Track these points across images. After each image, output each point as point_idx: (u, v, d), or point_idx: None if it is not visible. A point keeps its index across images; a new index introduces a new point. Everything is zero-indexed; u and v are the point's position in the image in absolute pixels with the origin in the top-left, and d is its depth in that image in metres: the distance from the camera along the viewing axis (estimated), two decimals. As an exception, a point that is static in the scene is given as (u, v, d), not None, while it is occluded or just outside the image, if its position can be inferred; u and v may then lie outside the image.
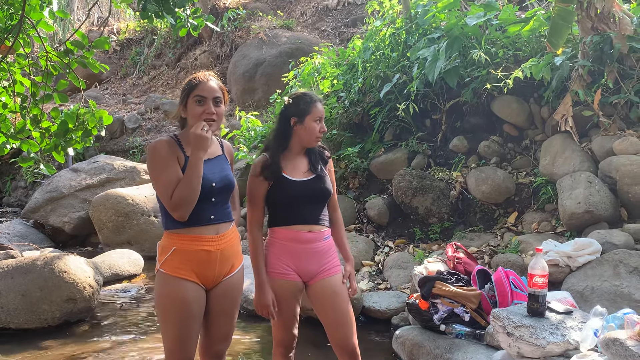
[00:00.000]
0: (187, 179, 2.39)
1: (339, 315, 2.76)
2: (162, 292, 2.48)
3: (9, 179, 11.92)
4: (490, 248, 5.09)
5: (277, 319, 2.77)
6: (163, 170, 2.42)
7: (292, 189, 2.74)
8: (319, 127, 2.79)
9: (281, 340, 2.80)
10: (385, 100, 6.47)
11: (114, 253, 6.51)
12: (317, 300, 2.79)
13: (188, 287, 2.46)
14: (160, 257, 2.51)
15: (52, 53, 4.11)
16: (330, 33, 12.21)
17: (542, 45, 5.75)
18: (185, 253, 2.47)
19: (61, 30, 14.98)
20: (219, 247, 2.52)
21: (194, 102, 2.49)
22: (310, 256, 2.75)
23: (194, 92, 2.50)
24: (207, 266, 2.50)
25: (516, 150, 5.94)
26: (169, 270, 2.47)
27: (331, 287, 2.77)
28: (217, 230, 2.53)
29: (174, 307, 2.45)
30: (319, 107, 2.80)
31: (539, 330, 2.87)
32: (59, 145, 4.29)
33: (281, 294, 2.73)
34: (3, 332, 4.52)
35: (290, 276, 2.74)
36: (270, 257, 2.77)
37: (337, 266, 2.83)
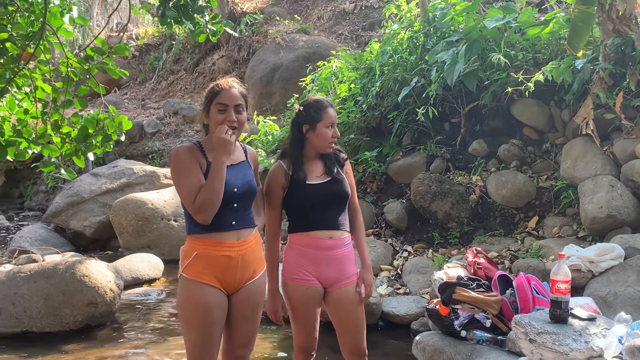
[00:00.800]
0: (210, 182, 2.42)
1: (354, 323, 2.77)
2: (184, 297, 2.50)
3: (30, 183, 12.09)
4: (511, 253, 5.04)
5: (298, 325, 2.77)
6: (186, 175, 2.45)
7: (307, 192, 2.73)
8: (331, 132, 2.78)
9: (301, 346, 2.80)
10: (403, 104, 6.45)
11: (134, 257, 6.55)
12: (334, 308, 2.79)
13: (209, 292, 2.48)
14: (182, 262, 2.53)
15: (73, 59, 4.16)
16: (347, 37, 12.21)
17: (562, 48, 5.69)
18: (207, 258, 2.49)
19: (81, 36, 15.18)
20: (239, 253, 2.53)
21: (216, 109, 2.51)
22: (330, 263, 2.75)
23: (216, 100, 2.51)
24: (228, 271, 2.51)
25: (536, 154, 5.89)
26: (191, 275, 2.49)
27: (349, 297, 2.77)
28: (239, 236, 2.54)
29: (196, 312, 2.46)
30: (330, 113, 2.79)
31: (562, 336, 2.83)
32: (80, 150, 4.33)
33: (302, 299, 2.73)
34: (26, 335, 4.57)
35: (311, 282, 2.73)
36: (290, 263, 2.77)
37: (356, 274, 2.83)
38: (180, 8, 3.99)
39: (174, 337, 4.60)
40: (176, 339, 4.52)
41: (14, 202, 12.47)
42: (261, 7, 13.59)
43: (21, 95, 4.42)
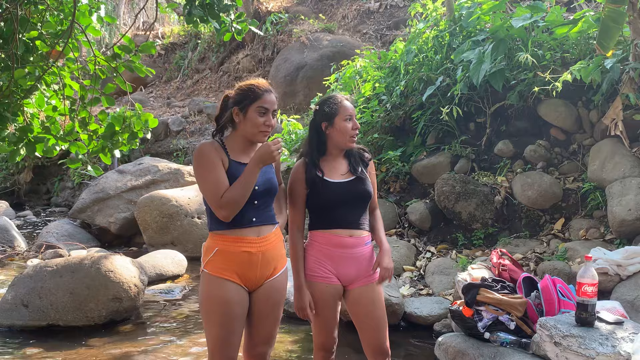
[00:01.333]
0: (241, 183, 2.46)
1: (375, 322, 2.76)
2: (205, 292, 2.52)
3: (57, 180, 12.29)
4: (536, 255, 4.98)
5: (317, 322, 2.77)
6: (211, 171, 2.47)
7: (330, 191, 2.73)
8: (350, 125, 2.76)
9: (322, 344, 2.80)
10: (427, 104, 6.41)
11: (158, 253, 6.62)
12: (353, 306, 2.78)
13: (230, 287, 2.50)
14: (204, 258, 2.56)
15: (100, 57, 4.22)
16: (372, 36, 12.18)
17: (590, 48, 5.60)
18: (228, 254, 2.51)
19: (108, 34, 15.38)
20: (260, 249, 2.55)
21: (257, 111, 2.53)
22: (350, 261, 2.74)
23: (258, 103, 2.53)
24: (248, 267, 2.53)
25: (563, 155, 5.80)
26: (212, 270, 2.51)
27: (369, 296, 2.76)
28: (259, 232, 2.57)
29: (216, 307, 2.48)
30: (346, 106, 2.78)
31: (588, 340, 2.78)
32: (106, 147, 4.39)
33: (321, 297, 2.73)
34: (52, 328, 4.64)
35: (331, 280, 2.73)
36: (310, 260, 2.77)
37: (376, 274, 2.81)
38: (206, 7, 4.02)
39: (196, 333, 4.63)
40: (199, 334, 4.56)
41: (41, 198, 12.70)
42: (286, 6, 13.63)
43: (50, 93, 4.49)
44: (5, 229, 7.99)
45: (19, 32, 3.64)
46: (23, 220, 10.44)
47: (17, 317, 4.65)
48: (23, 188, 12.65)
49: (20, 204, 12.27)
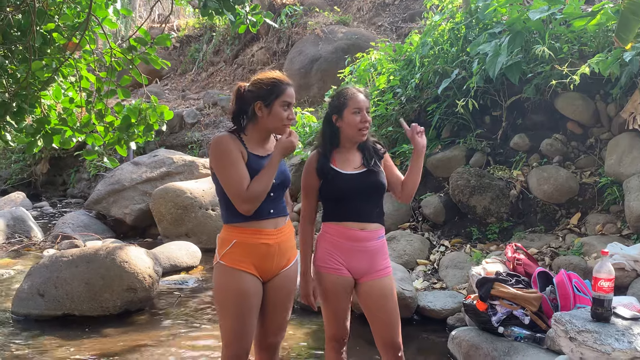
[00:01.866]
0: (266, 175, 2.48)
1: (386, 316, 2.75)
2: (222, 284, 2.53)
3: (73, 171, 12.40)
4: (552, 250, 4.94)
5: (329, 313, 2.78)
6: (233, 165, 2.47)
7: (342, 182, 2.73)
8: (359, 118, 2.74)
9: (333, 335, 2.80)
10: (443, 97, 6.36)
11: (173, 245, 6.67)
12: (364, 300, 2.78)
13: (247, 279, 2.51)
14: (220, 250, 2.56)
15: (116, 49, 4.23)
16: (387, 28, 12.11)
17: (609, 40, 5.52)
18: (246, 246, 2.52)
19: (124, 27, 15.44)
20: (277, 241, 2.58)
21: (281, 106, 2.54)
22: (361, 254, 2.74)
23: (283, 97, 2.54)
24: (266, 259, 2.55)
25: (580, 149, 5.74)
26: (229, 262, 2.52)
27: (380, 290, 2.75)
28: (276, 224, 2.59)
29: (234, 299, 2.49)
30: (356, 98, 2.76)
31: (604, 336, 2.75)
32: (122, 139, 4.41)
33: (332, 288, 2.73)
34: (67, 318, 4.70)
35: (341, 272, 2.73)
36: (321, 251, 2.78)
37: (387, 268, 2.80)
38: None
39: (210, 324, 4.66)
40: (213, 325, 4.59)
41: (57, 189, 12.83)
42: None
43: (67, 85, 4.52)
44: (22, 220, 8.09)
45: (36, 25, 3.67)
46: (39, 211, 10.56)
47: (33, 307, 4.71)
48: (40, 179, 12.79)
49: (37, 195, 12.40)
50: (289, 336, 4.29)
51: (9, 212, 8.25)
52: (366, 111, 2.76)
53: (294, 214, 7.15)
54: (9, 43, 3.88)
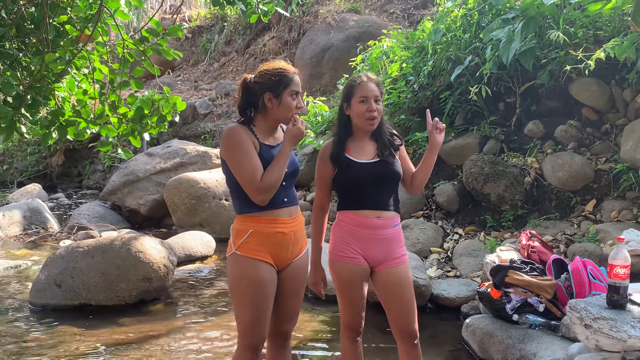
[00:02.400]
0: (279, 164, 2.50)
1: (403, 304, 2.75)
2: (239, 274, 2.54)
3: (88, 162, 12.50)
4: (567, 237, 4.91)
5: (344, 302, 2.78)
6: (246, 155, 2.48)
7: (356, 171, 2.73)
8: (365, 107, 2.72)
9: (348, 324, 2.81)
10: (456, 84, 6.32)
11: (187, 234, 6.71)
12: (381, 288, 2.78)
13: (264, 268, 2.54)
14: (235, 240, 2.57)
15: (129, 41, 4.24)
16: (399, 15, 12.02)
17: (625, 24, 5.44)
18: (262, 235, 2.54)
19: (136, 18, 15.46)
20: (292, 229, 2.61)
21: (290, 96, 2.57)
22: (378, 242, 2.73)
23: (291, 87, 2.57)
24: (282, 247, 2.58)
25: (595, 135, 5.68)
26: (246, 252, 2.53)
27: (396, 277, 2.75)
28: (290, 212, 2.62)
29: (251, 288, 2.51)
30: (363, 87, 2.74)
31: (620, 323, 2.74)
32: (136, 130, 4.43)
33: (348, 277, 2.73)
34: (84, 307, 4.76)
35: (358, 260, 2.73)
36: (337, 240, 2.78)
37: (404, 256, 2.80)
38: (232, -12, 4.00)
39: (225, 313, 4.70)
40: (227, 314, 4.62)
41: (73, 180, 12.94)
42: (312, -14, 13.51)
43: (80, 77, 4.54)
44: (39, 211, 8.18)
45: (49, 17, 3.68)
46: (55, 202, 10.67)
47: (51, 297, 4.77)
48: (55, 171, 12.91)
49: (53, 186, 12.52)
50: (302, 325, 4.31)
51: (26, 204, 8.35)
52: (374, 100, 2.73)
53: (307, 203, 7.16)
54: (22, 36, 3.90)
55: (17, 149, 13.30)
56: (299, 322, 2.84)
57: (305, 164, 7.58)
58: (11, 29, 3.67)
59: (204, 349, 4.01)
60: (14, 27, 3.71)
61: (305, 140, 7.52)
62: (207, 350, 3.98)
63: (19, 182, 12.34)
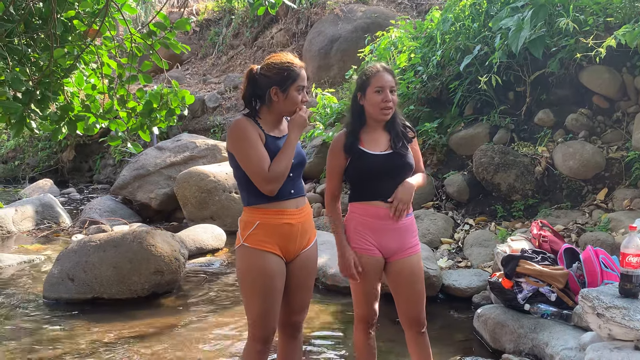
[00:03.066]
0: (286, 154, 2.51)
1: (414, 294, 2.76)
2: (247, 266, 2.55)
3: (98, 157, 12.57)
4: (578, 226, 4.88)
5: (358, 294, 2.79)
6: (252, 147, 2.49)
7: (369, 162, 2.72)
8: (381, 97, 2.70)
9: (362, 316, 2.81)
10: (465, 73, 6.28)
11: (198, 228, 6.74)
12: (394, 278, 2.78)
13: (272, 259, 2.54)
14: (243, 232, 2.57)
15: (136, 35, 4.24)
16: (407, 5, 11.94)
17: (636, 11, 5.37)
18: (270, 227, 2.54)
19: (143, 12, 15.47)
20: (299, 221, 2.61)
21: (296, 90, 2.57)
22: (391, 233, 2.73)
23: (298, 82, 2.57)
24: (289, 239, 2.58)
25: (606, 123, 5.63)
26: (254, 244, 2.54)
27: (410, 268, 2.75)
28: (297, 204, 2.61)
29: (259, 280, 2.52)
30: (379, 77, 2.72)
31: (633, 311, 2.72)
32: (145, 124, 4.44)
33: (363, 269, 2.73)
34: (97, 301, 4.79)
35: (372, 252, 2.73)
36: (351, 232, 2.77)
37: (417, 245, 2.80)
38: (239, -20, 3.99)
39: (236, 305, 4.72)
40: (239, 306, 4.64)
41: (84, 175, 13.02)
42: (319, -22, 13.44)
43: (88, 72, 4.55)
44: (51, 206, 8.24)
45: (57, 12, 3.69)
46: (67, 197, 10.74)
47: (64, 291, 4.81)
48: (66, 166, 12.98)
49: (64, 181, 12.60)
50: (314, 317, 4.32)
51: (38, 199, 8.41)
52: (390, 90, 2.71)
53: (317, 195, 7.16)
54: (31, 31, 3.91)
55: (28, 145, 13.38)
56: (310, 314, 2.85)
57: (315, 155, 7.57)
58: (20, 25, 3.68)
59: (216, 341, 4.03)
60: (22, 23, 3.72)
61: (315, 132, 7.51)
62: (219, 342, 4.00)
63: (31, 178, 12.43)
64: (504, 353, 3.51)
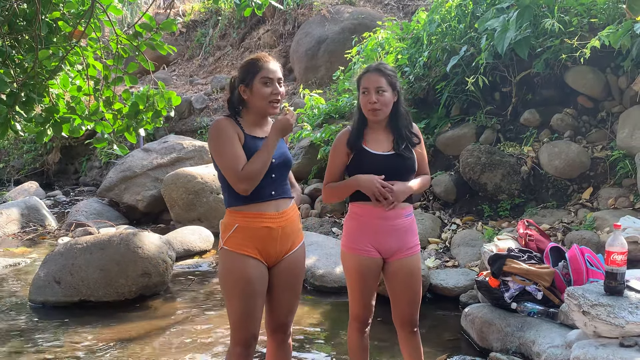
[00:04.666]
0: (261, 155, 2.47)
1: (411, 294, 2.77)
2: (226, 269, 2.54)
3: (84, 159, 12.47)
4: (564, 225, 4.92)
5: (354, 294, 2.79)
6: (229, 145, 2.47)
7: (370, 162, 2.71)
8: (366, 98, 2.70)
9: (357, 316, 2.82)
10: (451, 74, 6.31)
11: (186, 229, 6.71)
12: (391, 278, 2.78)
13: (251, 263, 2.51)
14: (223, 235, 2.57)
15: (122, 36, 4.22)
16: (393, 7, 11.99)
17: (619, 12, 5.43)
18: (248, 230, 2.52)
19: (129, 14, 15.39)
20: (280, 225, 2.56)
21: (261, 83, 2.53)
22: (390, 233, 2.72)
23: (261, 74, 2.53)
24: (268, 243, 2.55)
25: (591, 123, 5.69)
26: (232, 247, 2.52)
27: (408, 268, 2.75)
28: (277, 207, 2.57)
29: (238, 283, 2.50)
30: (365, 78, 2.73)
31: (617, 309, 2.75)
32: (131, 126, 4.41)
33: (360, 269, 2.73)
34: (84, 304, 4.76)
35: (370, 253, 2.72)
36: (349, 232, 2.78)
37: (417, 245, 2.80)
38: (226, -19, 3.98)
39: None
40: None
41: (70, 177, 12.91)
42: (306, -21, 13.44)
43: (74, 73, 4.52)
44: (36, 209, 8.17)
45: (41, 13, 3.66)
46: (53, 200, 10.65)
47: (50, 294, 4.77)
48: (52, 168, 12.86)
49: (50, 184, 12.49)
50: (304, 317, 4.32)
51: (23, 202, 8.34)
52: (377, 91, 2.69)
53: (305, 196, 7.16)
54: (15, 33, 3.88)
55: (13, 147, 13.24)
56: (299, 315, 2.84)
57: (303, 156, 7.57)
58: (3, 26, 3.65)
59: (204, 343, 4.02)
60: (6, 24, 3.69)
61: (302, 132, 7.51)
62: (206, 345, 3.99)
63: (16, 180, 12.29)
64: (492, 351, 3.54)
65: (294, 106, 9.40)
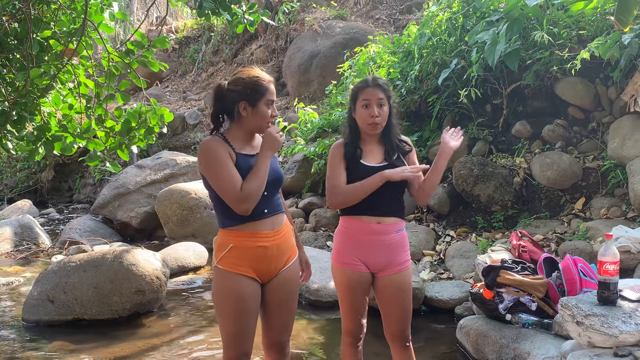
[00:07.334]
0: (258, 173, 2.44)
1: (401, 310, 2.76)
2: (219, 288, 2.53)
3: (78, 177, 12.44)
4: (557, 235, 4.94)
5: (345, 309, 2.79)
6: (223, 166, 2.42)
7: (364, 175, 2.70)
8: (368, 112, 2.71)
9: (349, 330, 2.81)
10: (443, 87, 6.35)
11: (180, 246, 6.69)
12: (382, 294, 2.78)
13: (245, 282, 2.49)
14: (217, 254, 2.55)
15: (114, 54, 4.24)
16: (384, 21, 12.08)
17: (607, 24, 5.49)
18: (243, 249, 2.50)
19: (122, 31, 15.45)
20: (275, 242, 2.55)
21: (266, 105, 2.53)
22: (379, 249, 2.71)
23: (267, 96, 2.52)
24: (264, 261, 2.53)
25: (582, 134, 5.73)
26: (227, 266, 2.50)
27: (398, 284, 2.75)
28: (273, 224, 2.55)
29: (230, 301, 2.48)
30: (366, 91, 2.73)
31: (611, 319, 2.75)
32: (123, 143, 4.42)
33: (349, 284, 2.73)
34: (78, 322, 4.73)
35: (358, 267, 2.72)
36: (339, 246, 2.78)
37: (407, 261, 2.79)
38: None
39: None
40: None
41: (64, 195, 12.86)
42: (298, -6, 13.55)
43: (65, 91, 4.54)
44: (30, 227, 8.13)
45: (32, 32, 3.68)
46: (46, 217, 10.60)
47: (44, 313, 4.74)
48: (45, 186, 12.81)
49: (43, 202, 12.44)
50: (299, 332, 4.30)
51: (17, 220, 8.29)
52: (378, 104, 2.71)
53: (299, 210, 7.16)
54: (6, 52, 3.89)
55: (7, 165, 13.20)
56: (294, 330, 2.83)
57: (296, 171, 7.58)
58: (-5, 46, 3.67)
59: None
60: (-3, 43, 3.71)
61: (296, 147, 7.53)
62: (201, 361, 3.96)
63: (9, 199, 12.24)
64: (487, 364, 3.53)
65: (287, 121, 9.43)
